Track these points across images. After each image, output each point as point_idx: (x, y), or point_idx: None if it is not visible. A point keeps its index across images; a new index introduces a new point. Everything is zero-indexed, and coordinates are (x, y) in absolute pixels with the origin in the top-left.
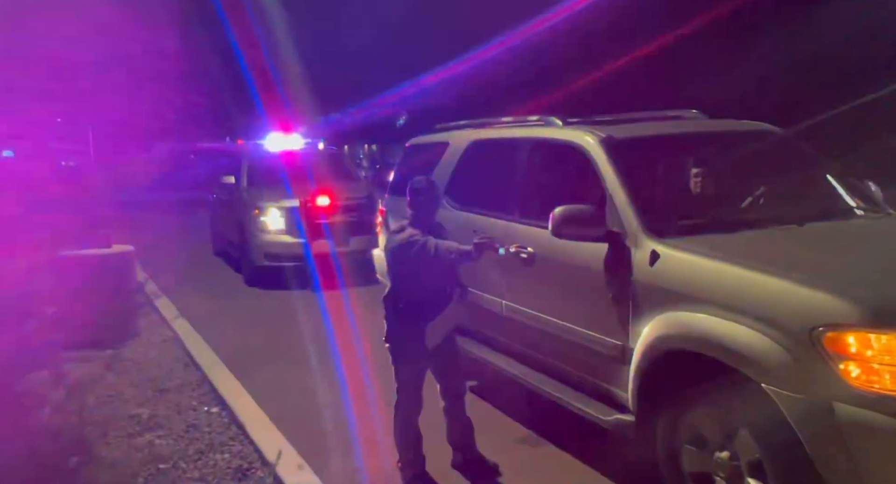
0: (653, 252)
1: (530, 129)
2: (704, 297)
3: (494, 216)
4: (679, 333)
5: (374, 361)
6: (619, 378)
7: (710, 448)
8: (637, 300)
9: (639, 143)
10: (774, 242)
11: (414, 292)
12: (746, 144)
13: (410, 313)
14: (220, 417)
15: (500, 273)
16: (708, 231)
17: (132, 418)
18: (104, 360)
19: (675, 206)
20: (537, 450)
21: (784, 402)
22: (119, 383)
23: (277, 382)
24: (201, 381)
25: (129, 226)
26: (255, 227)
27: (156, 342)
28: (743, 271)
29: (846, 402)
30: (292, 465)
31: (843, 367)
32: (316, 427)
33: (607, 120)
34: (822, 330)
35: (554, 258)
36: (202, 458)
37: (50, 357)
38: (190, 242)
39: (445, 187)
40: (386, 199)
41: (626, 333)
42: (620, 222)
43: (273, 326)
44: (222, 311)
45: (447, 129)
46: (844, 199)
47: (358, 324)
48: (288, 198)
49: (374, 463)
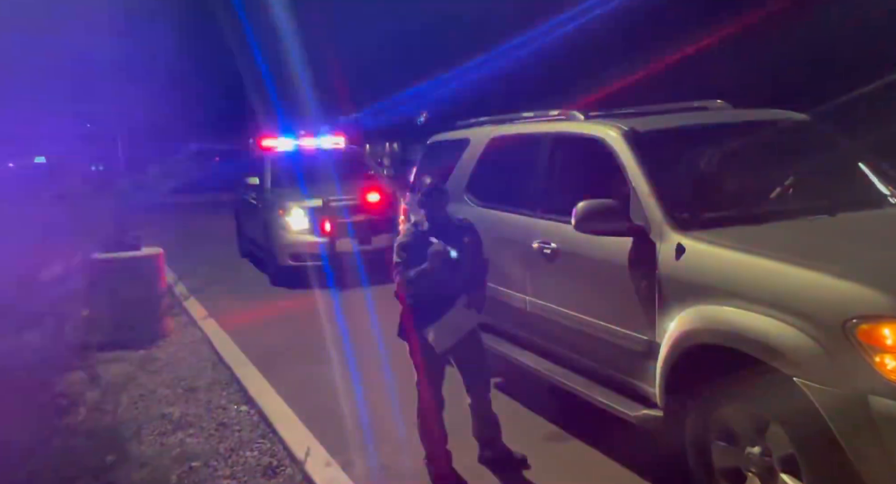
0: (678, 245)
1: (551, 123)
2: (732, 290)
3: (516, 212)
4: (707, 328)
5: (399, 359)
6: (645, 373)
7: (741, 443)
8: (663, 294)
9: (662, 135)
10: (804, 233)
11: (417, 290)
12: (774, 133)
13: (415, 311)
14: (249, 415)
15: (523, 269)
16: (735, 223)
17: (164, 417)
18: (136, 360)
19: (700, 199)
20: (564, 445)
21: (817, 395)
22: (151, 383)
23: (304, 381)
24: (230, 380)
25: (157, 228)
26: (279, 228)
27: (185, 342)
28: (772, 263)
29: (882, 395)
30: (321, 462)
31: (879, 359)
32: (343, 425)
33: (630, 112)
34: (856, 322)
35: (578, 253)
36: (232, 456)
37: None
38: (217, 244)
39: (467, 184)
40: (407, 197)
41: (652, 327)
42: (645, 216)
43: (299, 325)
44: (249, 310)
45: (467, 126)
46: (877, 187)
47: (381, 322)
48: (312, 198)
49: (402, 460)
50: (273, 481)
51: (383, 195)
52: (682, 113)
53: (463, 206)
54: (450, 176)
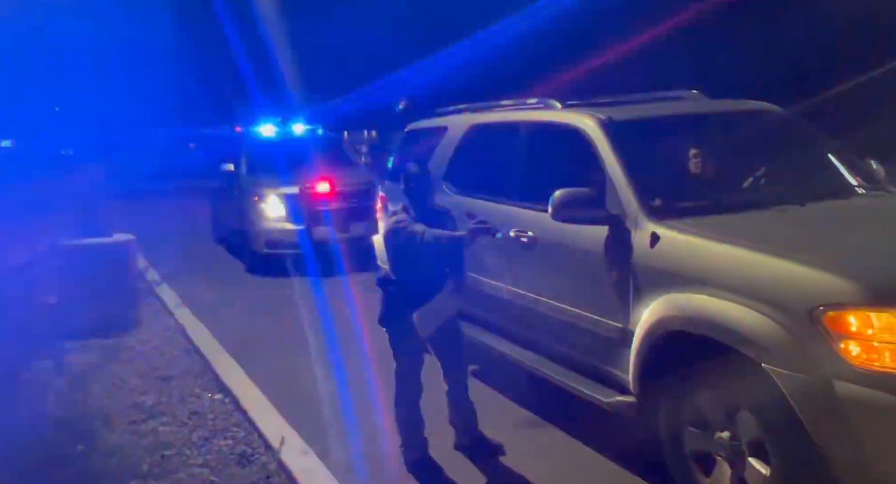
0: (653, 234)
1: (529, 111)
2: (705, 278)
3: (494, 200)
4: (680, 315)
5: (376, 347)
6: (620, 360)
7: (712, 428)
8: (638, 282)
9: (638, 124)
10: (775, 223)
11: (403, 278)
12: (747, 124)
13: (400, 298)
14: (224, 403)
15: (500, 257)
16: (708, 212)
17: (136, 406)
18: (107, 348)
19: (675, 188)
20: (539, 432)
21: (785, 381)
22: (122, 372)
23: (280, 369)
24: (204, 368)
25: (128, 214)
26: (255, 215)
27: (158, 330)
28: (743, 252)
29: (846, 380)
30: (296, 450)
31: (844, 345)
32: (319, 413)
33: (607, 102)
34: (823, 309)
35: (554, 242)
36: (206, 444)
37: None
38: (190, 230)
39: (444, 172)
40: (385, 185)
41: (626, 315)
42: (620, 205)
43: (274, 313)
44: (224, 298)
45: (446, 114)
46: (845, 178)
47: (359, 310)
48: (288, 185)
49: (378, 447)
50: (247, 470)
51: (360, 183)
52: (657, 102)
53: (441, 194)
54: (427, 164)
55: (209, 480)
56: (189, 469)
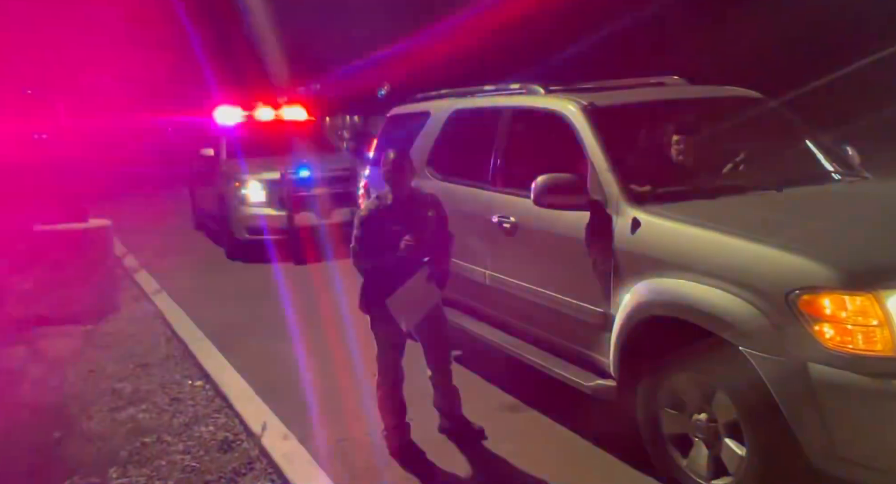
0: (634, 220)
1: (512, 97)
2: (684, 263)
3: (477, 186)
4: (659, 300)
5: (358, 332)
6: (600, 345)
7: (689, 411)
8: (619, 268)
9: (620, 110)
10: (753, 208)
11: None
12: (727, 110)
13: (377, 283)
14: (205, 390)
15: (483, 243)
16: (688, 198)
17: (114, 393)
18: (83, 335)
19: (656, 174)
20: (521, 415)
21: (760, 363)
22: (100, 358)
23: (261, 355)
24: (184, 355)
25: (105, 199)
26: (235, 200)
27: (137, 317)
28: (721, 237)
29: (820, 362)
30: (277, 435)
31: (818, 328)
32: (301, 398)
33: (589, 87)
34: (798, 293)
35: (536, 227)
36: (187, 430)
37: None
38: (169, 216)
39: (427, 158)
40: (368, 170)
41: (608, 300)
42: (602, 190)
43: (255, 299)
44: (204, 284)
45: (428, 99)
46: (822, 164)
47: (340, 296)
48: (269, 170)
49: (360, 432)
50: (229, 456)
51: (342, 168)
52: (639, 88)
53: (423, 179)
54: (410, 149)
55: (190, 467)
56: (170, 456)
